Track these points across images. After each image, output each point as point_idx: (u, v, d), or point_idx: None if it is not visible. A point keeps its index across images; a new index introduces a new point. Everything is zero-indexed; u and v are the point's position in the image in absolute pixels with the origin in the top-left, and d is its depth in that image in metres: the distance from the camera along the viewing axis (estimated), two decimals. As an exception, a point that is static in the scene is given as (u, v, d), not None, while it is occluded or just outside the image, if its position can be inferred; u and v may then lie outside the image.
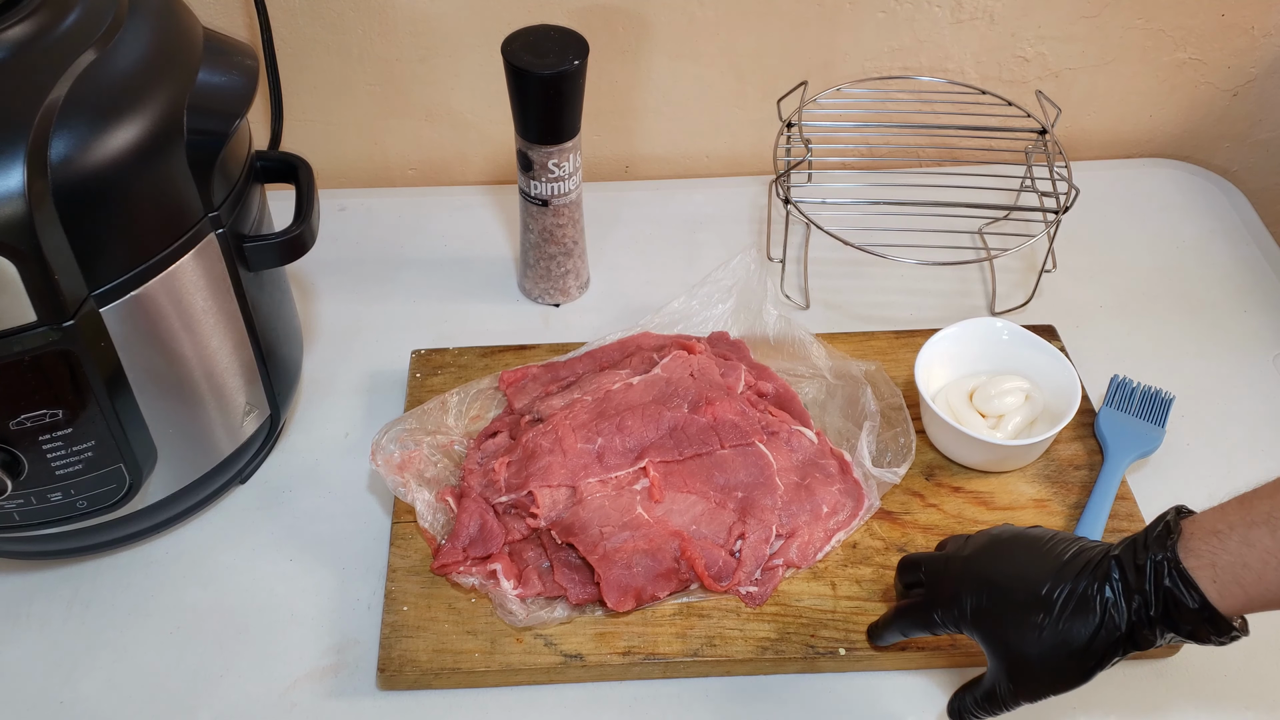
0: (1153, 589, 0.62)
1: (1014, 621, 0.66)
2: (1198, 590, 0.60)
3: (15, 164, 0.62)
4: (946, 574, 0.71)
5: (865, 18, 1.14)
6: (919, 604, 0.72)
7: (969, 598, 0.68)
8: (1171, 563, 0.61)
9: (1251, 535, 0.59)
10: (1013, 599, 0.66)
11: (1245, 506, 0.61)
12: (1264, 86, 1.21)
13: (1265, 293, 1.09)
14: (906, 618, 0.74)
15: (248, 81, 0.77)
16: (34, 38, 0.66)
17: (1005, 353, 0.94)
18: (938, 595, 0.71)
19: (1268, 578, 0.59)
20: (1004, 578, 0.68)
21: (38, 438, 0.72)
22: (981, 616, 0.68)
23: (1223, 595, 0.60)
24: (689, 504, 0.85)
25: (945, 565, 0.72)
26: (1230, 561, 0.60)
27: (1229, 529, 0.60)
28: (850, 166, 1.22)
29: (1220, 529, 0.61)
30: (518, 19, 1.06)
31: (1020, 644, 0.66)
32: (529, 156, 0.97)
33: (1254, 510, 0.60)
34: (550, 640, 0.80)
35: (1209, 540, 0.61)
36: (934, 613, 0.70)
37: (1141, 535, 0.64)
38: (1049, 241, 1.05)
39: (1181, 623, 0.61)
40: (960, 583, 0.69)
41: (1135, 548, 0.63)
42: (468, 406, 0.95)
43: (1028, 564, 0.67)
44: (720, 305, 1.00)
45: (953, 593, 0.69)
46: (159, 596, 0.85)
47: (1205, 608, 0.60)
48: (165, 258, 0.72)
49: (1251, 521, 0.59)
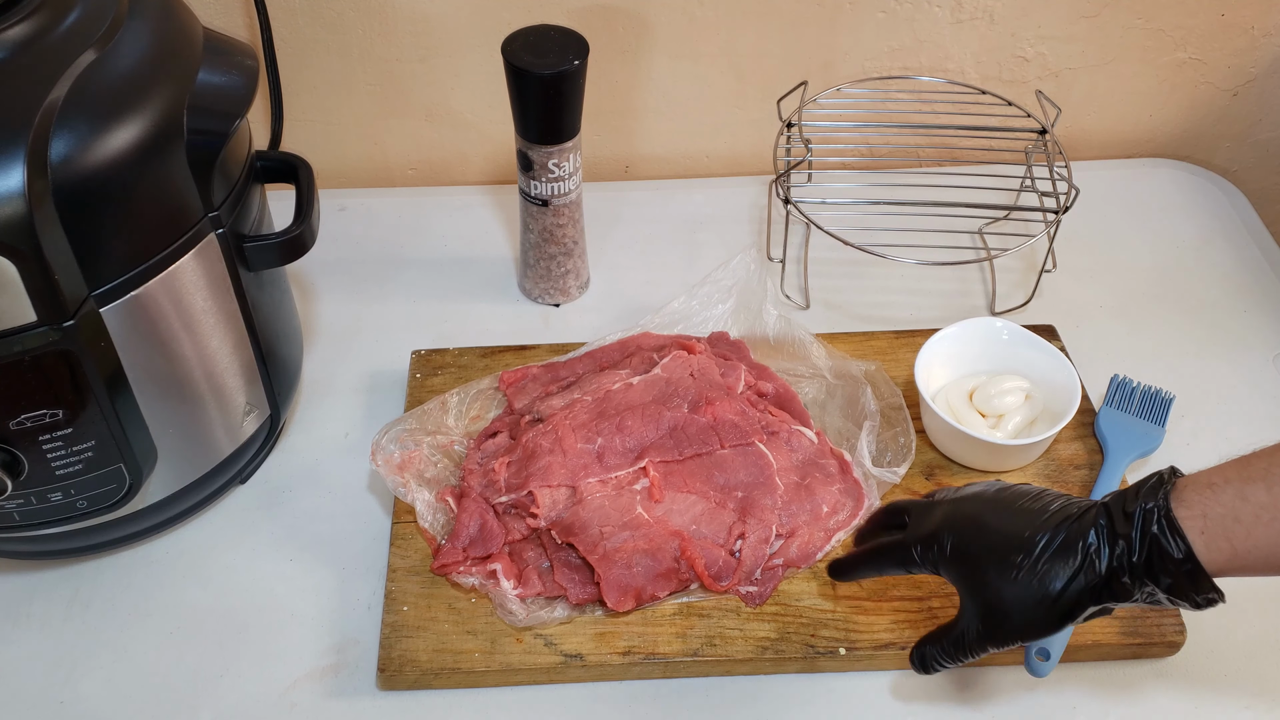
0: (1139, 535, 0.61)
1: (993, 560, 0.65)
2: (1184, 539, 0.60)
3: (15, 164, 0.62)
4: (930, 514, 0.70)
5: (865, 18, 1.14)
6: (898, 540, 0.71)
7: (950, 535, 0.68)
8: (1162, 510, 0.61)
9: (1246, 490, 0.59)
10: (994, 539, 0.66)
11: (1242, 464, 0.60)
12: (1264, 86, 1.21)
13: (1265, 293, 1.09)
14: (883, 554, 0.73)
15: (248, 81, 0.77)
16: (34, 38, 0.66)
17: (1005, 353, 0.94)
18: (918, 532, 0.70)
19: (1257, 533, 0.58)
20: (989, 519, 0.67)
21: (38, 438, 0.72)
22: (960, 555, 0.67)
23: (1209, 548, 0.59)
24: (689, 504, 0.85)
25: (930, 507, 0.71)
26: (1221, 514, 0.59)
27: (1224, 482, 0.60)
28: (850, 166, 1.22)
29: (1215, 482, 0.60)
30: (518, 19, 1.06)
31: (997, 583, 0.65)
32: (529, 156, 0.97)
33: (1251, 467, 0.60)
34: (550, 640, 0.80)
35: (1202, 492, 0.60)
36: (913, 548, 0.70)
37: (1134, 486, 0.64)
38: (1049, 241, 1.05)
39: (1163, 574, 0.60)
40: (943, 521, 0.69)
41: (1126, 496, 0.63)
42: (468, 406, 0.95)
43: (1015, 510, 0.67)
44: (720, 305, 1.00)
45: (934, 530, 0.69)
46: (159, 596, 0.85)
47: (1189, 559, 0.59)
48: (165, 258, 0.72)
49: (1248, 477, 0.59)
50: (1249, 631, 0.83)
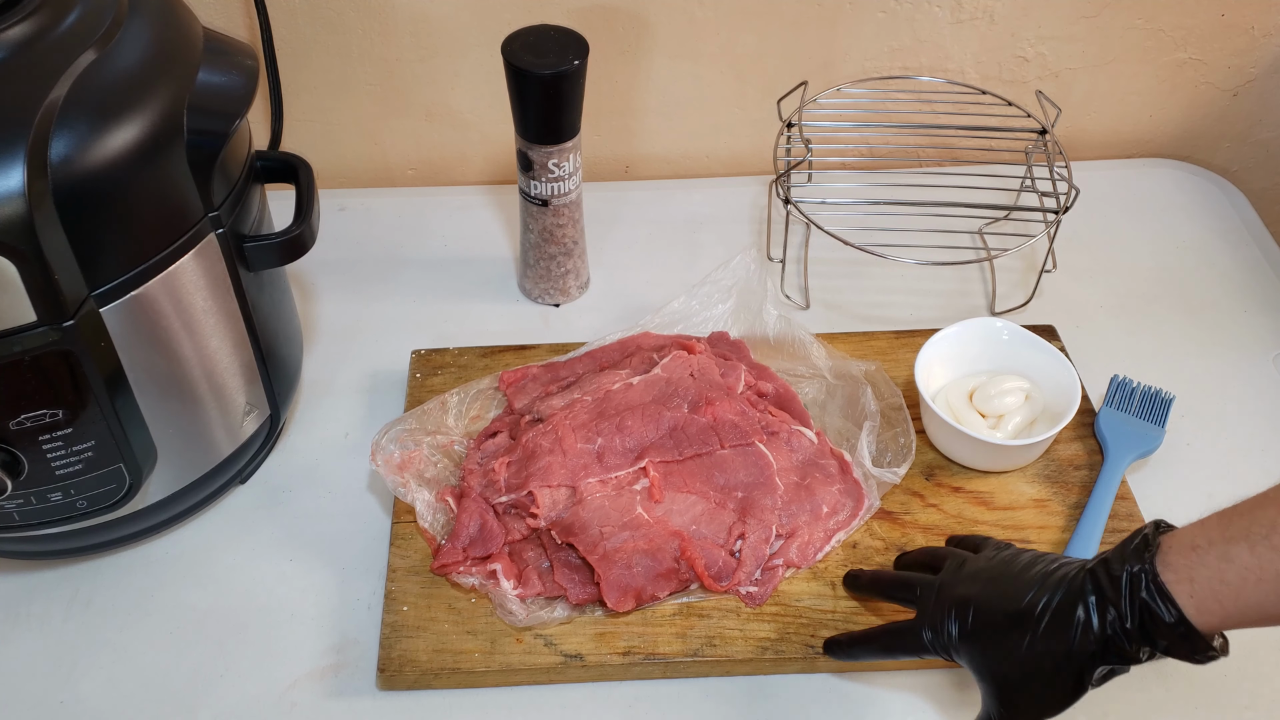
0: (1128, 602, 0.61)
1: (996, 641, 0.66)
2: (1174, 604, 0.59)
3: (15, 164, 0.62)
4: (935, 597, 0.71)
5: (865, 18, 1.14)
6: (909, 626, 0.72)
7: (954, 621, 0.68)
8: (1149, 575, 0.60)
9: (1230, 551, 0.58)
10: (994, 619, 0.66)
11: (1224, 522, 0.60)
12: (1264, 86, 1.21)
13: (1265, 293, 1.09)
14: (895, 639, 0.74)
15: (248, 81, 0.77)
16: (34, 38, 0.66)
17: (1005, 353, 0.94)
18: (927, 620, 0.70)
19: (1245, 595, 0.58)
20: (985, 598, 0.67)
21: (38, 438, 0.72)
22: (967, 638, 0.67)
23: (1200, 611, 0.59)
24: (689, 504, 0.85)
25: (932, 588, 0.72)
26: (1208, 577, 0.59)
27: (1208, 544, 0.59)
28: (850, 166, 1.22)
29: (1199, 544, 0.60)
30: (518, 19, 1.06)
31: (1004, 664, 0.65)
32: (529, 156, 0.97)
33: (1232, 526, 0.59)
34: (550, 640, 0.80)
35: (1187, 555, 0.60)
36: (923, 634, 0.70)
37: (1119, 548, 0.63)
38: (1049, 241, 1.05)
39: (1158, 637, 0.60)
40: (944, 605, 0.69)
41: (1111, 560, 0.63)
42: (468, 406, 0.95)
43: (1007, 583, 0.67)
44: (720, 305, 1.00)
45: (940, 617, 0.69)
46: (159, 596, 0.86)
47: (1181, 623, 0.59)
48: (165, 258, 0.72)
49: (1230, 537, 0.59)
50: (1249, 631, 0.82)
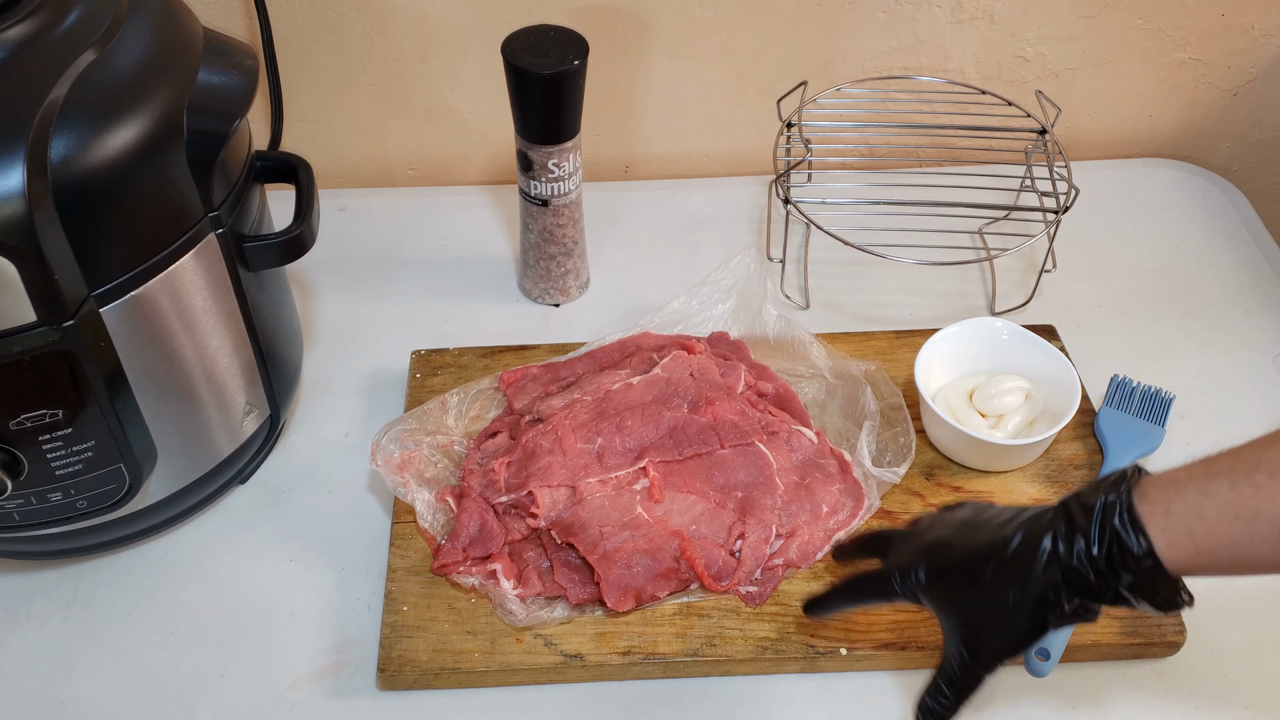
0: (1097, 529, 0.60)
1: (964, 577, 0.65)
2: (1145, 535, 0.58)
3: (15, 164, 0.62)
4: (908, 543, 0.70)
5: (865, 18, 1.14)
6: (878, 572, 0.71)
7: (924, 562, 0.67)
8: (1123, 504, 0.59)
9: (1210, 486, 0.57)
10: (962, 555, 0.66)
11: (1208, 461, 0.59)
12: (1264, 86, 1.21)
13: (1265, 293, 1.09)
14: (863, 584, 0.72)
15: (248, 81, 0.77)
16: (34, 38, 0.66)
17: (1005, 353, 0.94)
18: (896, 562, 0.70)
19: (1220, 531, 0.57)
20: (958, 540, 0.67)
21: (38, 438, 0.72)
22: (935, 578, 0.67)
23: (1170, 545, 0.58)
24: (689, 504, 0.85)
25: (908, 536, 0.71)
26: (1185, 510, 0.58)
27: (1188, 479, 0.58)
28: (850, 166, 1.22)
29: (1179, 479, 0.59)
30: (518, 19, 1.06)
31: (968, 600, 0.64)
32: (529, 156, 0.97)
33: (1216, 463, 0.58)
34: (550, 640, 0.80)
35: (1165, 489, 0.59)
36: (892, 578, 0.69)
37: (1094, 482, 0.62)
38: (1049, 241, 1.05)
39: (1123, 570, 0.59)
40: (918, 550, 0.69)
41: (1084, 492, 0.62)
42: (468, 407, 0.95)
43: (980, 526, 0.66)
44: (720, 305, 1.00)
45: (910, 560, 0.68)
46: (159, 596, 0.86)
47: (1150, 555, 0.58)
48: (165, 258, 0.72)
49: (1212, 473, 0.58)
50: (1249, 631, 0.83)
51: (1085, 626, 0.79)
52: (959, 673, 0.66)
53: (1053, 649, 0.77)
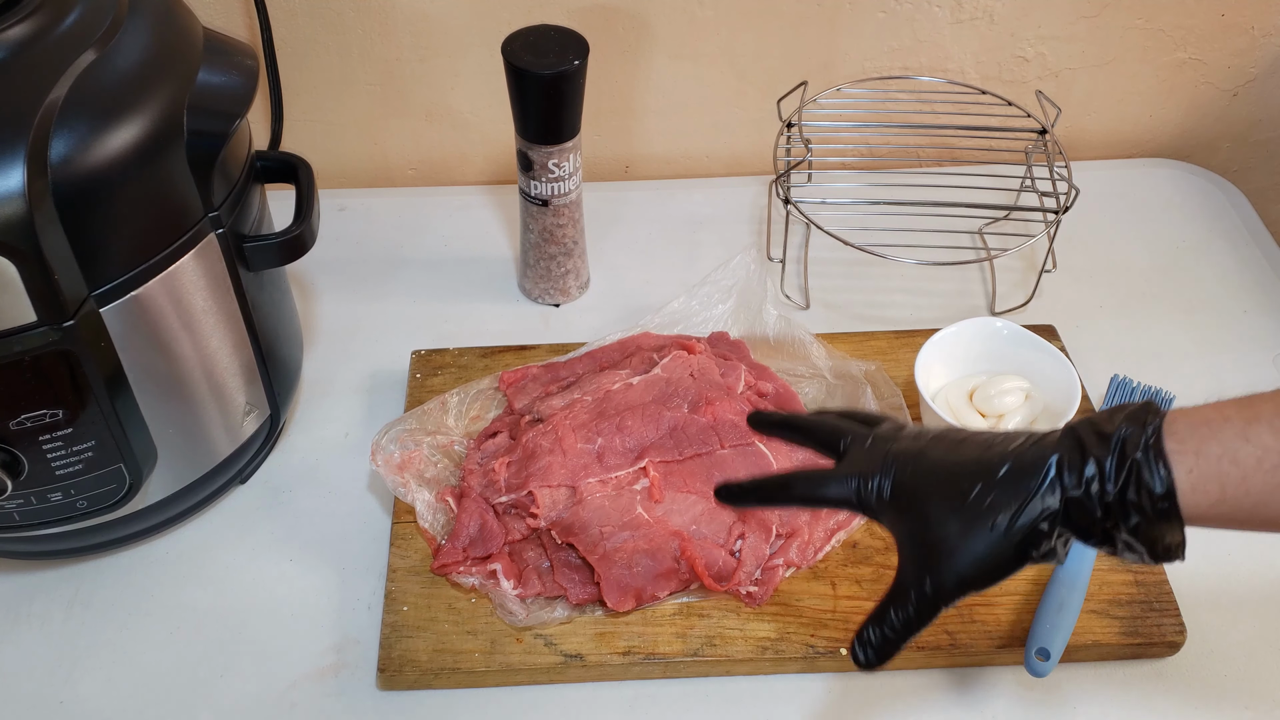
0: (1114, 460, 0.54)
1: (939, 493, 0.57)
2: (1170, 474, 0.53)
3: (15, 164, 0.62)
4: (865, 448, 0.63)
5: (865, 18, 1.14)
6: (832, 472, 0.63)
7: (889, 473, 0.60)
8: (1150, 437, 0.53)
9: (1250, 430, 0.52)
10: (942, 470, 0.58)
11: (1244, 404, 0.54)
12: (1264, 86, 1.21)
13: (1265, 293, 1.09)
14: (812, 484, 0.63)
15: (248, 81, 0.77)
16: (34, 38, 0.66)
17: (1005, 352, 0.94)
18: (854, 467, 0.62)
19: (1254, 480, 0.52)
20: (934, 453, 0.60)
21: (38, 438, 0.72)
22: (902, 492, 0.59)
23: (1194, 489, 0.53)
24: (689, 504, 0.85)
25: (871, 443, 0.63)
26: (1218, 454, 0.52)
27: (1223, 420, 0.53)
28: (850, 166, 1.22)
29: (1213, 419, 0.53)
30: (518, 19, 1.06)
31: (942, 516, 0.57)
32: (529, 156, 0.97)
33: (1257, 407, 0.53)
34: (550, 640, 0.80)
35: (1197, 428, 0.53)
36: (848, 483, 0.61)
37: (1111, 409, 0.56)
38: (1049, 241, 1.05)
39: (1135, 510, 0.53)
40: (878, 457, 0.61)
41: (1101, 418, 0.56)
42: (468, 407, 0.95)
43: (963, 443, 0.59)
44: (720, 305, 1.00)
45: (871, 466, 0.61)
46: (159, 596, 0.85)
47: (1168, 496, 0.53)
48: (165, 258, 0.72)
49: (1252, 417, 0.53)
50: (1249, 631, 0.83)
51: (1085, 626, 0.79)
52: (915, 600, 0.58)
53: (1053, 649, 0.77)
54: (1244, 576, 0.85)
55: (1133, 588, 0.82)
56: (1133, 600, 0.81)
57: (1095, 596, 0.81)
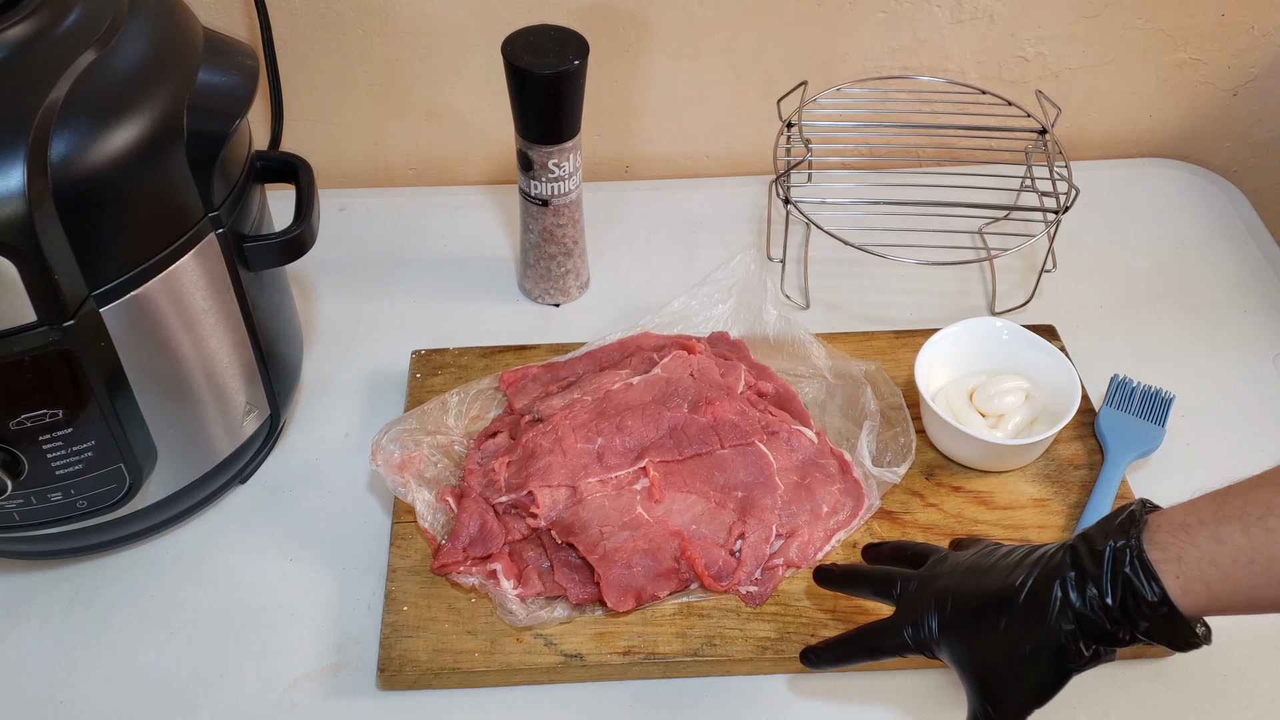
0: (1109, 578, 0.58)
1: (976, 628, 0.63)
2: (1159, 582, 0.57)
3: (15, 164, 0.62)
4: (915, 591, 0.69)
5: (865, 18, 1.14)
6: (887, 623, 0.69)
7: (934, 613, 0.66)
8: (1134, 550, 0.58)
9: (1222, 531, 0.56)
10: (973, 604, 0.64)
11: (1217, 502, 0.57)
12: (1264, 86, 1.21)
13: (1265, 293, 1.09)
14: (874, 637, 0.70)
15: (248, 81, 0.77)
16: (34, 38, 0.66)
17: (1005, 352, 0.94)
18: (907, 614, 0.68)
19: (1235, 577, 0.55)
20: (965, 586, 0.65)
21: (38, 438, 0.72)
22: (946, 629, 0.65)
23: (1185, 593, 0.56)
24: (689, 504, 0.85)
25: (914, 582, 0.69)
26: (1197, 558, 0.56)
27: (1198, 524, 0.57)
28: (850, 166, 1.22)
29: (1189, 523, 0.57)
30: (518, 19, 1.06)
31: (984, 651, 0.63)
32: (529, 156, 0.97)
33: (1226, 506, 0.57)
34: (550, 640, 0.80)
35: (1176, 534, 0.57)
36: (904, 632, 0.67)
37: (1101, 523, 0.61)
38: (1049, 241, 1.05)
39: (1139, 618, 0.58)
40: (928, 599, 0.67)
41: (1092, 536, 0.60)
42: (468, 406, 0.95)
43: (987, 571, 0.65)
44: (720, 305, 1.00)
45: (921, 610, 0.67)
46: (159, 596, 0.86)
47: (1165, 603, 0.57)
48: (165, 258, 0.72)
49: (1223, 517, 0.56)
50: (1249, 631, 0.83)
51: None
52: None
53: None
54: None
55: (1133, 588, 0.82)
56: (1133, 600, 0.81)
57: (1095, 596, 0.81)
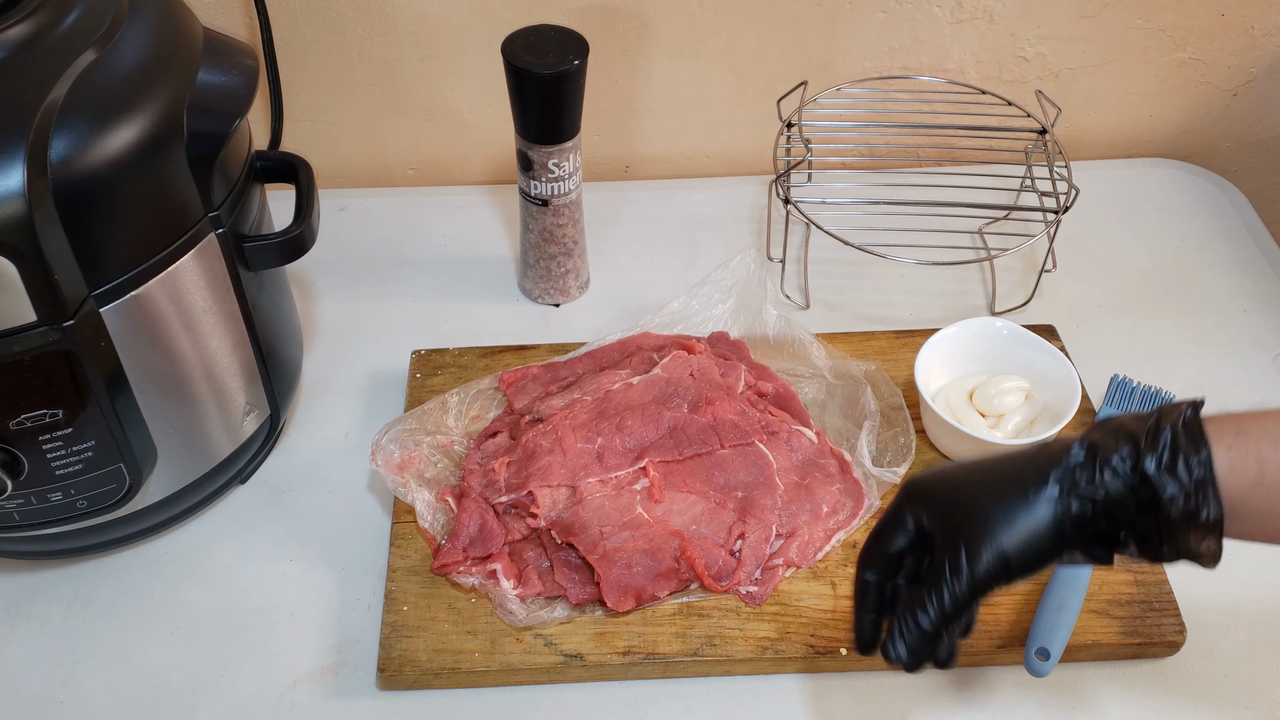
0: (1151, 430, 0.54)
1: (978, 466, 0.59)
2: (1206, 444, 0.53)
3: (15, 164, 0.62)
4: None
5: (865, 18, 1.14)
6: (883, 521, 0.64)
7: (927, 474, 0.62)
8: (1188, 414, 0.54)
9: None
10: (972, 462, 0.60)
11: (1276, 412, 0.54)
12: (1264, 86, 1.21)
13: (1265, 293, 1.09)
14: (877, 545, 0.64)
15: (248, 81, 0.77)
16: (34, 38, 0.66)
17: (1005, 352, 0.94)
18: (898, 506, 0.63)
19: None
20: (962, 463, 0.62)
21: (38, 438, 0.72)
22: (940, 481, 0.61)
23: (1233, 468, 0.52)
24: (689, 504, 0.85)
25: None
26: (1258, 435, 0.53)
27: (1262, 413, 0.54)
28: (850, 166, 1.22)
29: (1251, 412, 0.54)
30: (518, 19, 1.06)
31: (978, 488, 0.58)
32: (529, 156, 0.97)
33: None
34: (550, 640, 0.80)
35: (1235, 417, 0.54)
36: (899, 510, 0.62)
37: (1135, 416, 0.56)
38: (1049, 241, 1.05)
39: (1170, 480, 0.53)
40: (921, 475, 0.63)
41: (1126, 420, 0.56)
42: (468, 406, 0.95)
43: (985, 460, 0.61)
44: (720, 305, 1.00)
45: (917, 484, 0.63)
46: (159, 596, 0.86)
47: (1206, 465, 0.53)
48: (165, 258, 0.72)
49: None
50: (1249, 631, 0.83)
51: (1085, 626, 0.79)
52: (951, 579, 0.57)
53: (1053, 649, 0.77)
54: (1244, 576, 0.85)
55: (1133, 587, 0.82)
56: (1133, 600, 0.81)
57: (1095, 596, 0.81)
